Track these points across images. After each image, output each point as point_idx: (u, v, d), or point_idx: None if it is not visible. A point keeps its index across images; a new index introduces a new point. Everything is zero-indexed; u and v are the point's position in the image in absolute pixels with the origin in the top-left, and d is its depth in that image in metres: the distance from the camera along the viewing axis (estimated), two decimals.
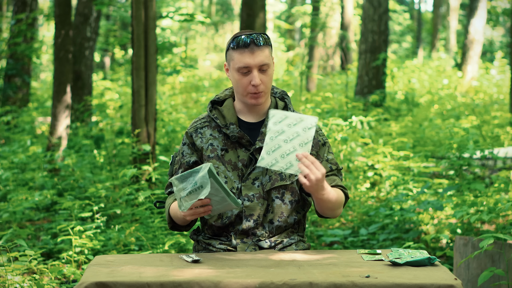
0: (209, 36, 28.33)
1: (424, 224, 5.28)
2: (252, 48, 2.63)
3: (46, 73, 22.40)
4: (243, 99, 2.71)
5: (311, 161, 2.43)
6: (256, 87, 2.65)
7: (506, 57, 20.70)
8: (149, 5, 6.43)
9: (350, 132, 7.22)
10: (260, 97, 2.68)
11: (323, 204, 2.60)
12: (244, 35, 2.64)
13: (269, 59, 2.67)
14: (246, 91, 2.67)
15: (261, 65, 2.64)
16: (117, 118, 10.94)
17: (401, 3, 32.02)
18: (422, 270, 2.30)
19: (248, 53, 2.63)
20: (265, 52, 2.65)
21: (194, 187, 2.40)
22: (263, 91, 2.67)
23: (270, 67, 2.68)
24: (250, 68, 2.64)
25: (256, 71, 2.64)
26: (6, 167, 7.29)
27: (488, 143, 7.58)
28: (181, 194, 2.43)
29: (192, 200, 2.41)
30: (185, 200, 2.43)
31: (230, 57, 2.68)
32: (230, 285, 2.16)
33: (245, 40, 2.63)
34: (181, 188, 2.44)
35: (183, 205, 2.43)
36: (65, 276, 4.31)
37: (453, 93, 14.59)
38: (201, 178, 2.39)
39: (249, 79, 2.65)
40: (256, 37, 2.64)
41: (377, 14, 11.83)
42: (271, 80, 2.71)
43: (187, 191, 2.42)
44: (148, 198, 5.35)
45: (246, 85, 2.66)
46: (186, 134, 2.79)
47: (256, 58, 2.63)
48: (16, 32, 10.37)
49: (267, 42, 2.67)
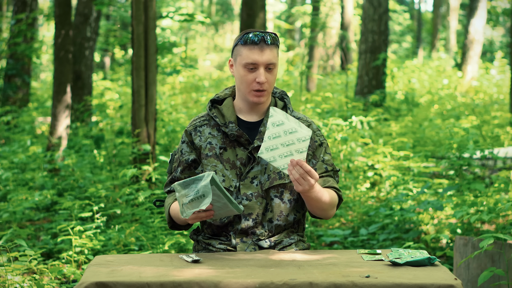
0: (209, 36, 28.35)
1: (424, 224, 5.28)
2: (261, 45, 2.64)
3: (46, 73, 22.40)
4: (245, 96, 2.71)
5: (306, 171, 2.45)
6: (261, 84, 2.66)
7: (506, 57, 20.70)
8: (149, 5, 6.43)
9: (350, 132, 7.22)
10: (263, 96, 2.69)
11: (312, 202, 2.61)
12: (256, 32, 2.66)
13: (276, 59, 2.68)
14: (250, 87, 2.68)
15: (268, 63, 2.65)
16: (117, 118, 10.93)
17: (401, 3, 32.02)
18: (422, 270, 2.30)
19: (257, 50, 2.64)
20: (274, 51, 2.67)
21: (197, 195, 2.42)
22: (266, 89, 2.68)
23: (276, 67, 2.69)
24: (257, 65, 2.65)
25: (263, 69, 2.65)
26: (6, 167, 7.29)
27: (488, 143, 7.58)
28: (183, 201, 2.45)
29: (194, 208, 2.43)
30: (187, 207, 2.44)
31: (238, 53, 2.68)
32: (230, 285, 2.16)
33: (256, 37, 2.65)
34: (184, 194, 2.45)
35: (185, 211, 2.45)
36: (65, 276, 4.31)
37: (453, 93, 14.59)
38: (203, 187, 2.40)
39: (255, 76, 2.66)
40: (267, 35, 2.66)
41: (377, 14, 11.83)
42: (275, 81, 2.72)
43: (189, 198, 2.43)
44: (148, 198, 5.36)
45: (250, 82, 2.67)
46: (185, 132, 2.80)
47: (265, 56, 2.64)
48: (16, 32, 10.36)
49: (276, 42, 2.68)
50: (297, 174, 2.46)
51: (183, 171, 2.77)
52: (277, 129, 2.48)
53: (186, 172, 2.77)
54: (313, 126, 2.78)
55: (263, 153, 2.49)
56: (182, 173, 2.77)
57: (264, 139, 2.48)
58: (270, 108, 2.50)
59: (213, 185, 2.41)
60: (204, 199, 2.41)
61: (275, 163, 2.48)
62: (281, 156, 2.48)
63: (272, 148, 2.48)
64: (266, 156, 2.48)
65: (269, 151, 2.48)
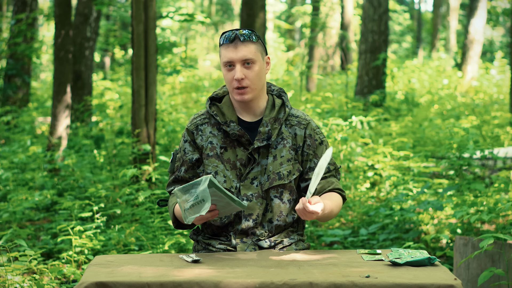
0: (209, 36, 28.34)
1: (424, 224, 5.28)
2: (235, 43, 2.64)
3: (46, 73, 22.40)
4: (231, 95, 2.72)
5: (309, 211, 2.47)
6: (238, 81, 2.65)
7: (506, 57, 20.70)
8: (149, 5, 6.43)
9: (350, 132, 7.22)
10: (245, 93, 2.67)
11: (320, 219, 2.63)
12: (230, 31, 2.67)
13: (254, 55, 2.65)
14: (231, 86, 2.68)
15: (244, 59, 2.64)
16: (117, 118, 10.93)
17: (401, 3, 32.01)
18: (422, 270, 2.30)
19: (232, 48, 2.64)
20: (250, 47, 2.65)
21: (196, 200, 2.42)
22: (248, 86, 2.66)
23: (256, 63, 2.66)
24: (233, 62, 2.65)
25: (239, 66, 2.64)
26: (6, 167, 7.29)
27: (488, 143, 7.58)
28: (185, 206, 2.45)
29: (195, 214, 2.44)
30: (189, 212, 2.45)
31: (220, 54, 2.71)
32: (230, 285, 2.16)
33: (229, 35, 2.66)
34: (184, 199, 2.46)
35: (187, 217, 2.45)
36: (65, 276, 4.31)
37: (453, 93, 14.59)
38: (202, 192, 2.41)
39: (233, 74, 2.66)
40: (241, 32, 2.66)
41: (377, 14, 11.83)
42: (259, 77, 2.68)
43: (190, 203, 2.44)
44: (148, 198, 5.35)
45: (230, 80, 2.67)
46: (187, 131, 2.78)
47: (239, 52, 2.64)
48: (16, 32, 10.36)
49: (252, 38, 2.66)
50: (304, 216, 2.50)
51: (187, 170, 2.76)
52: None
53: (190, 171, 2.76)
54: (312, 124, 2.77)
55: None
56: (186, 172, 2.76)
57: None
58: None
59: (212, 187, 2.41)
60: (204, 204, 2.42)
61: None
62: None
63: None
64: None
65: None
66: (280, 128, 2.73)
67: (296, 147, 2.74)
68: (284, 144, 2.72)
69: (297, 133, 2.75)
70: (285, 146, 2.72)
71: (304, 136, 2.75)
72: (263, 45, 2.73)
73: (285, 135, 2.74)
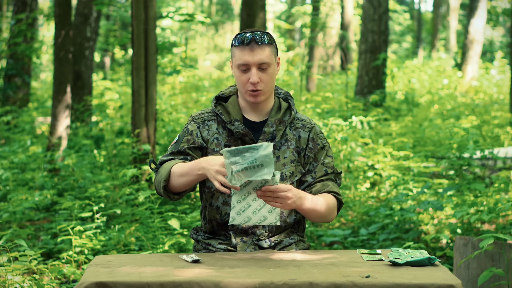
0: (209, 36, 28.35)
1: (424, 224, 5.28)
2: (252, 46, 2.63)
3: (46, 73, 22.40)
4: (243, 96, 2.71)
5: (272, 191, 2.40)
6: (254, 84, 2.64)
7: (506, 57, 20.70)
8: (149, 5, 6.43)
9: (350, 132, 7.22)
10: (259, 96, 2.68)
11: (307, 214, 2.61)
12: (247, 33, 2.65)
13: (269, 58, 2.66)
14: (245, 88, 2.67)
15: (260, 63, 2.64)
16: (117, 118, 10.93)
17: (401, 3, 32.02)
18: (422, 270, 2.30)
19: (248, 51, 2.63)
20: (266, 51, 2.64)
21: (252, 164, 2.33)
22: (262, 89, 2.66)
23: (271, 66, 2.67)
24: (249, 65, 2.64)
25: (255, 69, 2.64)
26: (6, 167, 7.29)
27: (488, 143, 7.58)
28: (233, 168, 2.34)
29: (246, 178, 2.34)
30: (238, 175, 2.34)
31: (232, 54, 2.69)
32: (230, 285, 2.16)
33: (247, 37, 2.63)
34: (233, 161, 2.34)
35: (234, 178, 2.35)
36: (65, 276, 4.31)
37: (453, 93, 14.59)
38: (263, 157, 2.31)
39: (248, 76, 2.65)
40: (258, 35, 2.64)
41: (377, 14, 11.83)
42: (272, 80, 2.69)
43: (241, 166, 2.33)
44: (148, 198, 5.35)
45: (245, 83, 2.66)
46: (194, 121, 2.74)
47: (255, 56, 2.63)
48: (16, 32, 10.36)
49: (269, 41, 2.66)
50: (269, 199, 2.43)
51: (191, 149, 2.70)
52: (246, 188, 2.42)
53: (193, 151, 2.70)
54: (316, 129, 2.78)
55: (235, 219, 2.44)
56: (189, 149, 2.69)
57: (232, 205, 2.43)
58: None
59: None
60: (262, 169, 2.33)
61: (250, 221, 2.46)
62: (254, 212, 2.45)
63: (244, 209, 2.44)
64: (239, 221, 2.45)
65: (241, 213, 2.44)
66: (284, 130, 2.74)
67: (299, 149, 2.74)
68: (288, 146, 2.73)
69: (301, 136, 2.75)
70: (288, 147, 2.73)
71: (308, 140, 2.75)
72: (276, 46, 2.73)
73: (289, 137, 2.74)
